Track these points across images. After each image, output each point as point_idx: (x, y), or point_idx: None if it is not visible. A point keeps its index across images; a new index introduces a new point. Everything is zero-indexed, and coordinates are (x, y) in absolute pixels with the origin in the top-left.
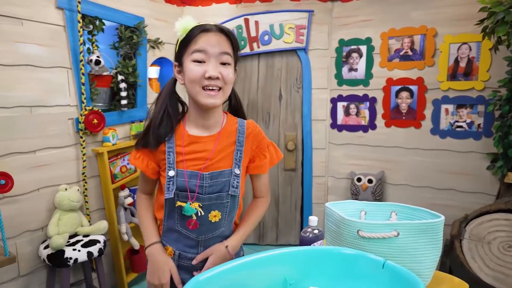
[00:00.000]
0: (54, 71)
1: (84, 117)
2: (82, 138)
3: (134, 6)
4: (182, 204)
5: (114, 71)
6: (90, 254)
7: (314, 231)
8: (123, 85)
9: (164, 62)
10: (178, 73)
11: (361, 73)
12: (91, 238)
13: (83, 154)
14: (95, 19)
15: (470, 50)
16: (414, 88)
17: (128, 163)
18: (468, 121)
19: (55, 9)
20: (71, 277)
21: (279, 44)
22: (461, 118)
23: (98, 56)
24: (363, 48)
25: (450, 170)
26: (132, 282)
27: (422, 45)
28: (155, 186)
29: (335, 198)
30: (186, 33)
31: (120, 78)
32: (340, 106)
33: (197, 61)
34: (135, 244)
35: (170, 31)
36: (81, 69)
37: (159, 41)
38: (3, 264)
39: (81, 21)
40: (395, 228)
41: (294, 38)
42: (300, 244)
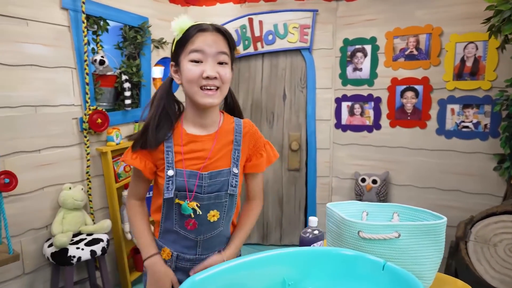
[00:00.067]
0: (59, 71)
1: (88, 116)
2: (86, 137)
3: (138, 6)
4: (181, 202)
5: (118, 71)
6: (93, 253)
7: (314, 232)
8: (127, 85)
9: (168, 62)
10: (175, 72)
11: (365, 72)
12: (95, 236)
13: (87, 154)
14: (100, 19)
15: (477, 49)
16: (419, 88)
17: None
18: (474, 121)
19: (60, 9)
20: (75, 275)
21: (283, 43)
22: (467, 118)
23: (102, 56)
24: (368, 47)
25: (455, 171)
26: (135, 281)
27: (428, 44)
28: (148, 189)
29: (339, 199)
30: (183, 33)
31: (124, 78)
32: (344, 106)
33: (194, 61)
34: None
35: None
36: (85, 69)
37: (163, 41)
38: (7, 261)
39: (85, 21)
40: (396, 229)
41: (298, 38)
42: (300, 244)
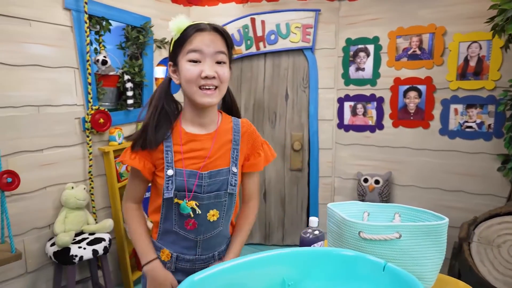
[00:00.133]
0: (61, 71)
1: (90, 116)
2: (88, 137)
3: (141, 7)
4: (180, 201)
5: (120, 71)
6: (95, 252)
7: (315, 232)
8: (129, 84)
9: None
10: (173, 72)
11: (368, 72)
12: (97, 236)
13: (90, 153)
14: (102, 20)
15: (481, 48)
16: (422, 87)
17: None
18: (478, 121)
19: (63, 10)
20: (78, 274)
21: (286, 43)
22: (470, 119)
23: (105, 56)
24: (371, 47)
25: (459, 171)
26: (137, 280)
27: (431, 44)
28: (145, 191)
29: (342, 199)
30: (181, 32)
31: (126, 78)
32: (347, 106)
33: (192, 60)
34: None
35: None
36: (87, 69)
37: (166, 41)
38: (10, 260)
39: (88, 21)
40: (397, 230)
41: (301, 38)
42: (300, 245)
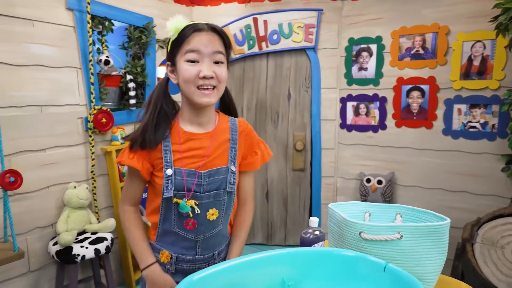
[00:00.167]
0: (64, 71)
1: (93, 116)
2: (91, 137)
3: (143, 7)
4: (179, 200)
5: (123, 71)
6: (97, 251)
7: (315, 232)
8: (132, 84)
9: None
10: (171, 72)
11: (371, 72)
12: (99, 235)
13: (92, 153)
14: (105, 20)
15: (484, 48)
16: (425, 87)
17: None
18: (481, 121)
19: (65, 10)
20: (80, 273)
21: (288, 43)
22: (474, 118)
23: (107, 56)
24: (373, 47)
25: (462, 171)
26: (139, 279)
27: (434, 43)
28: (143, 192)
29: (344, 199)
30: (178, 32)
31: (129, 77)
32: (349, 105)
33: (190, 61)
34: None
35: None
36: (90, 69)
37: (168, 41)
38: (12, 259)
39: (90, 21)
40: (398, 230)
41: (303, 37)
42: (300, 245)
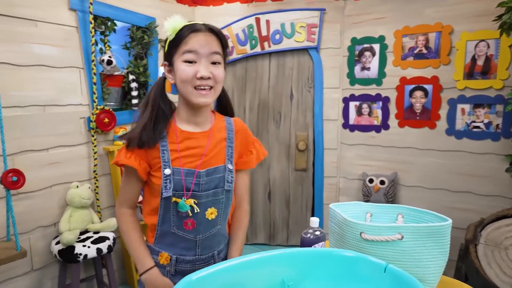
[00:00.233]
0: (67, 71)
1: (95, 116)
2: (93, 136)
3: (146, 7)
4: (178, 200)
5: (125, 71)
6: (99, 251)
7: (316, 232)
8: (134, 84)
9: None
10: (169, 72)
11: (374, 72)
12: (101, 235)
13: (95, 153)
14: (107, 20)
15: (488, 47)
16: (428, 87)
17: None
18: (485, 121)
19: (68, 10)
20: (83, 272)
21: (291, 43)
22: (478, 118)
23: (110, 56)
24: (376, 46)
25: (466, 172)
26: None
27: (438, 43)
28: (140, 193)
29: (347, 199)
30: (176, 33)
31: (131, 77)
32: (352, 105)
33: (188, 61)
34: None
35: None
36: (93, 69)
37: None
38: (15, 258)
39: (93, 22)
40: (399, 231)
41: (306, 37)
42: (300, 245)
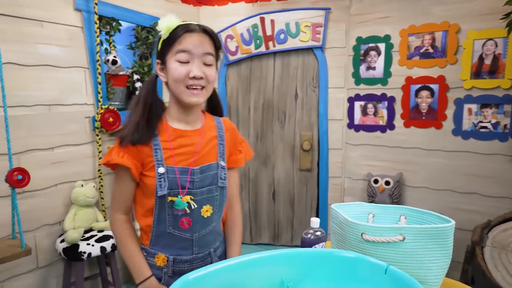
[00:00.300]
0: (72, 71)
1: (100, 115)
2: (98, 136)
3: (151, 7)
4: (173, 198)
5: (130, 71)
6: (103, 249)
7: (316, 233)
8: (139, 84)
9: None
10: (161, 70)
11: (379, 71)
12: (105, 233)
13: (99, 152)
14: (112, 20)
15: (496, 46)
16: (435, 87)
17: None
18: (493, 121)
19: (73, 11)
20: (87, 270)
21: (295, 42)
22: (485, 119)
23: (115, 56)
24: (382, 46)
25: (472, 173)
26: None
27: (444, 42)
28: (133, 196)
29: (352, 200)
30: (170, 32)
31: (136, 77)
32: (357, 105)
33: (181, 61)
34: None
35: None
36: (98, 68)
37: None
38: (20, 255)
39: (98, 22)
40: (401, 232)
41: (311, 37)
42: (301, 245)
